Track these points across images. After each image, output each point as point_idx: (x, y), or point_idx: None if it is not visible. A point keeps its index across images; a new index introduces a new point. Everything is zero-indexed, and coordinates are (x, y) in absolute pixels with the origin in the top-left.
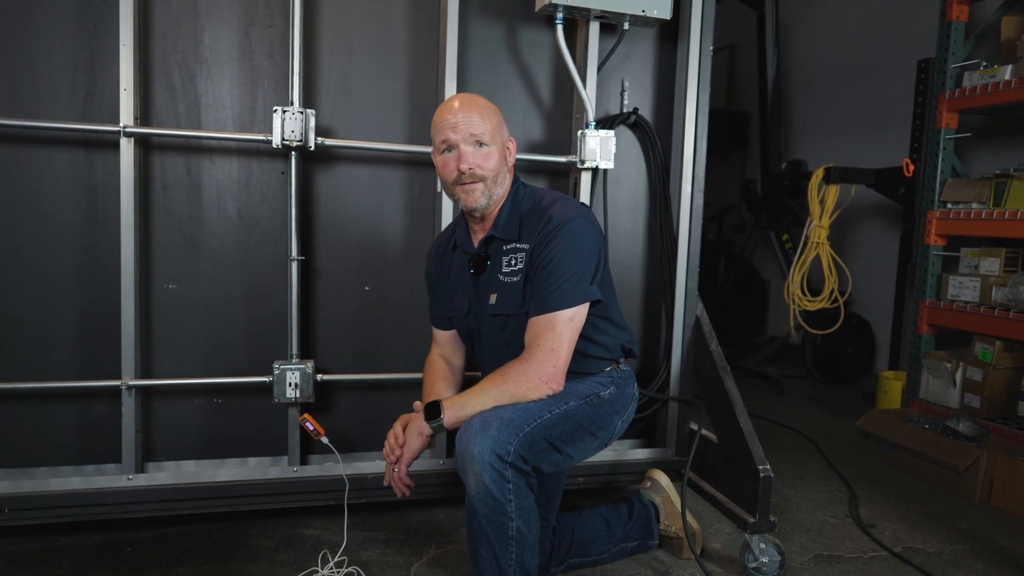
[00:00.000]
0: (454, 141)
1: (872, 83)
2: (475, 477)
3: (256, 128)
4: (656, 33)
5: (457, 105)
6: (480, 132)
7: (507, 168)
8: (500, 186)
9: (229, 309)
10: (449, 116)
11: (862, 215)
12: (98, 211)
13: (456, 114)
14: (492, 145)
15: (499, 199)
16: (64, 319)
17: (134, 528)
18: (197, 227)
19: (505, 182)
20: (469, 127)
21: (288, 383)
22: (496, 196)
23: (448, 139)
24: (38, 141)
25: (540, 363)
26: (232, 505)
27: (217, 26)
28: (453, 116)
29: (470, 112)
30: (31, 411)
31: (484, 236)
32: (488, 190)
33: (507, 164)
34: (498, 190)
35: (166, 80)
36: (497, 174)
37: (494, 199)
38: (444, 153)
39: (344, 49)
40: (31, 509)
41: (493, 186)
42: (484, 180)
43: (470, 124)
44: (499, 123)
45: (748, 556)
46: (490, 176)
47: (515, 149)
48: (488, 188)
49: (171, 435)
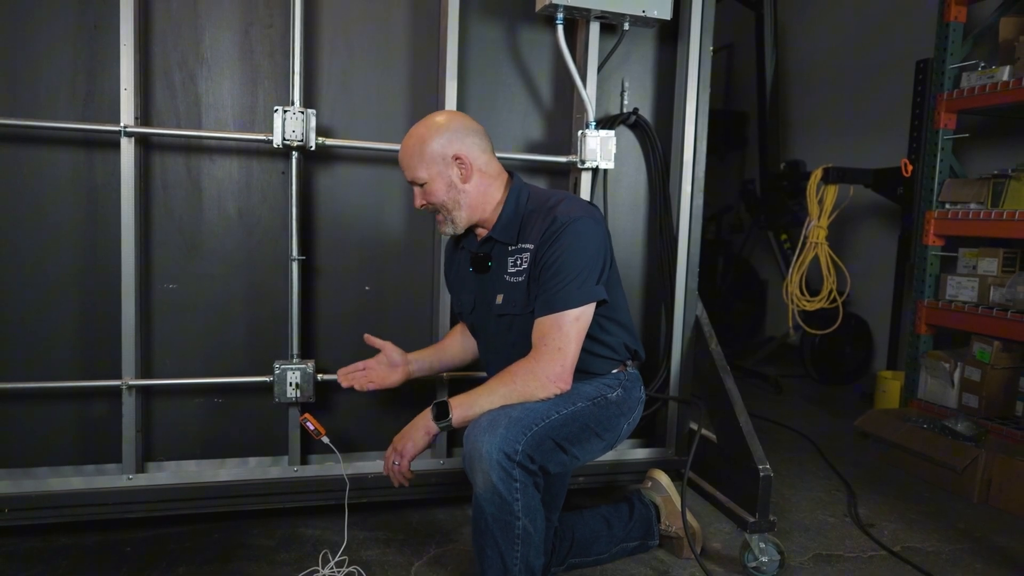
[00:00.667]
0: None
1: (870, 83)
2: (483, 476)
3: (256, 128)
4: (656, 33)
5: (400, 152)
6: (414, 177)
7: (461, 188)
8: (463, 208)
9: (229, 309)
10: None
11: (860, 215)
12: (98, 211)
13: (400, 160)
14: (429, 181)
15: (486, 209)
16: (64, 319)
17: (134, 528)
18: (197, 227)
19: (468, 200)
20: (406, 172)
21: (289, 383)
22: (464, 217)
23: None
24: (38, 141)
25: (548, 362)
26: (232, 505)
27: (217, 26)
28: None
29: (404, 158)
30: (31, 411)
31: (484, 237)
32: (448, 216)
33: (456, 184)
34: (461, 212)
35: (166, 80)
36: (446, 201)
37: (464, 220)
38: None
39: (344, 49)
40: (31, 509)
41: (454, 209)
42: (439, 209)
43: (406, 169)
44: (428, 155)
45: (748, 556)
46: (440, 204)
47: (469, 159)
48: (450, 213)
49: (171, 435)
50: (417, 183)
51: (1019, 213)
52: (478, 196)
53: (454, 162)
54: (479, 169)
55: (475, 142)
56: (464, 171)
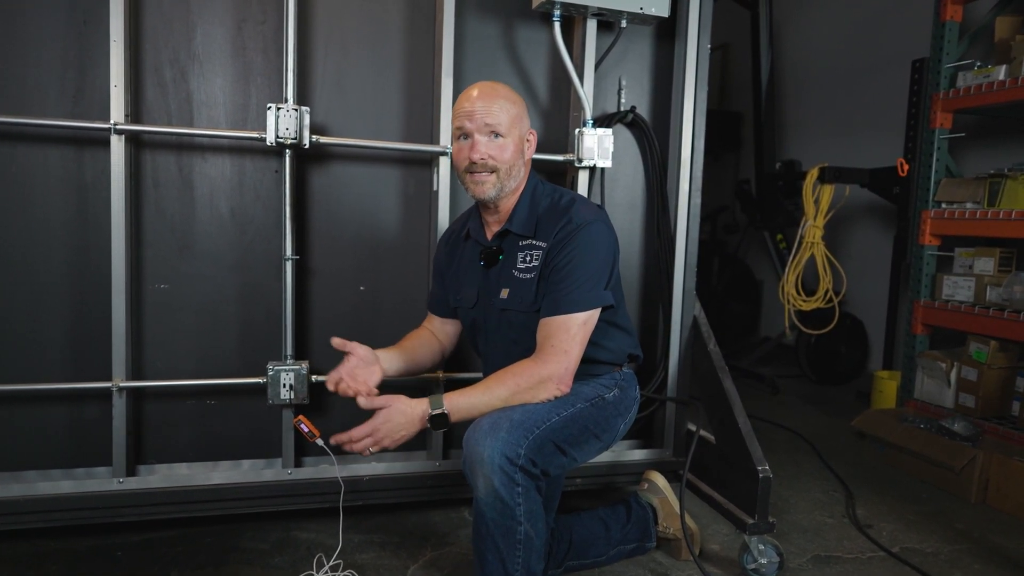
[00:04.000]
0: (469, 130)
1: (866, 83)
2: (484, 480)
3: (249, 126)
4: (653, 31)
5: (476, 94)
6: (496, 122)
7: (523, 162)
8: (513, 179)
9: (222, 309)
10: (467, 104)
11: (856, 215)
12: (88, 210)
13: (474, 103)
14: (508, 137)
15: (512, 192)
16: (54, 319)
17: (125, 532)
18: (189, 226)
19: (519, 175)
20: (485, 116)
21: (283, 384)
22: (508, 188)
23: (464, 127)
24: (27, 138)
25: (552, 364)
26: (225, 508)
27: (209, 22)
28: (471, 104)
29: (488, 101)
30: (20, 413)
31: (499, 230)
32: (500, 182)
33: (523, 157)
34: (511, 183)
35: (157, 77)
36: (511, 167)
37: (505, 191)
38: (460, 140)
39: (339, 46)
40: (20, 513)
41: (506, 178)
42: (496, 171)
43: (487, 113)
44: (519, 115)
45: (747, 557)
46: (503, 168)
47: (535, 142)
48: (500, 180)
49: (163, 437)
50: (496, 131)
51: (1015, 212)
52: (522, 177)
53: (530, 135)
54: (531, 157)
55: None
56: (530, 150)
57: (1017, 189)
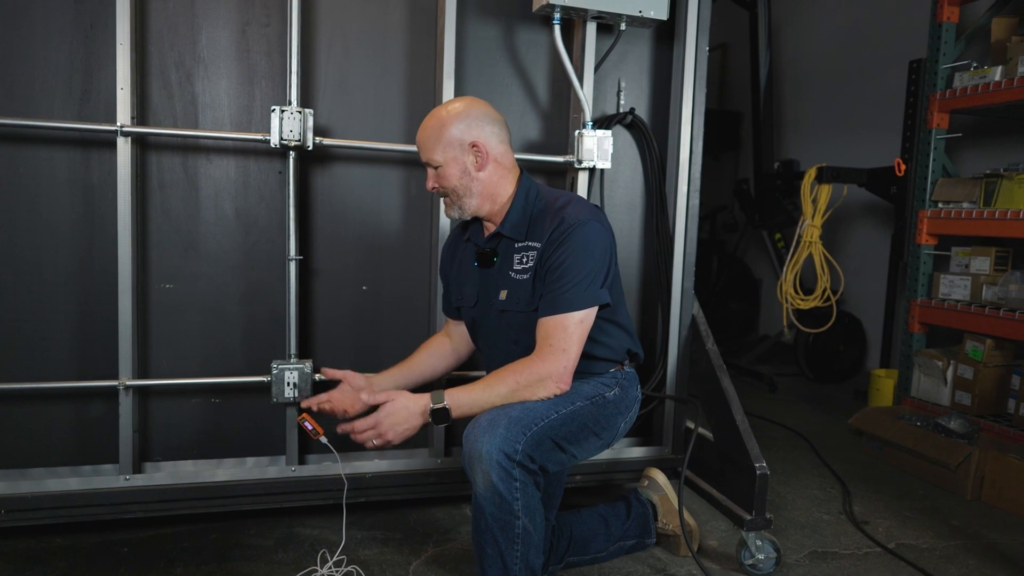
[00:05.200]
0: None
1: (864, 83)
2: (483, 475)
3: (253, 128)
4: (652, 33)
5: (419, 132)
6: (429, 156)
7: (473, 174)
8: (473, 195)
9: (227, 309)
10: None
11: (854, 214)
12: (95, 211)
13: (417, 141)
14: (444, 163)
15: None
16: (61, 319)
17: (131, 529)
18: (194, 227)
19: (475, 188)
20: (422, 153)
21: (287, 382)
22: (471, 205)
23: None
24: (34, 140)
25: (550, 362)
26: (230, 505)
27: (214, 25)
28: (417, 142)
29: (420, 138)
30: (28, 412)
31: (493, 232)
32: (456, 202)
33: (471, 171)
34: (470, 199)
35: (163, 79)
36: (459, 186)
37: (470, 208)
38: None
39: (341, 48)
40: (28, 510)
41: (463, 197)
42: (447, 194)
43: (422, 150)
44: (446, 139)
45: (745, 553)
46: (451, 189)
47: (486, 148)
48: (456, 200)
49: (168, 435)
50: (432, 165)
51: (1011, 212)
52: (490, 186)
53: (471, 149)
54: (495, 159)
55: (494, 131)
56: (480, 159)
57: (1013, 189)
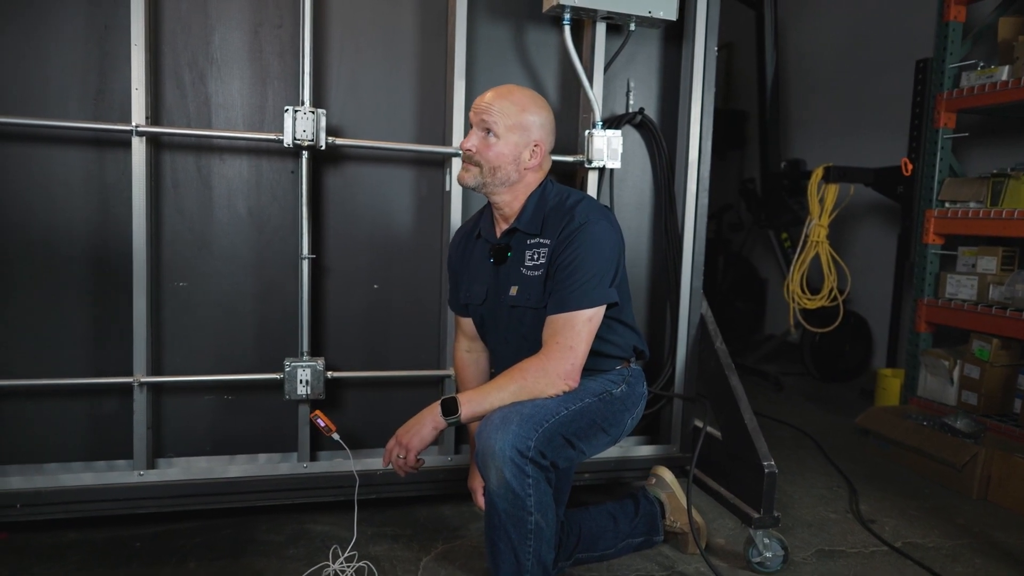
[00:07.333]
0: (472, 121)
1: (870, 83)
2: (496, 472)
3: (266, 127)
4: (661, 34)
5: (490, 93)
6: (492, 121)
7: (521, 168)
8: (501, 182)
9: (239, 307)
10: (479, 100)
11: (861, 214)
12: (110, 209)
13: (483, 99)
14: (502, 139)
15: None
16: (76, 316)
17: (144, 524)
18: (207, 226)
19: (510, 178)
20: (484, 113)
21: (299, 380)
22: (492, 186)
23: (470, 119)
24: (50, 140)
25: (559, 360)
26: (242, 501)
27: (227, 26)
28: (480, 100)
29: (495, 101)
30: (43, 408)
31: (507, 227)
32: (482, 177)
33: (521, 163)
34: (495, 181)
35: (177, 79)
36: (497, 167)
37: (489, 187)
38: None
39: (353, 49)
40: (43, 504)
41: (489, 175)
42: (480, 166)
43: (487, 111)
44: (524, 123)
45: (752, 551)
46: (486, 165)
47: (542, 153)
48: (483, 175)
49: (182, 431)
50: (487, 128)
51: (1018, 212)
52: (523, 185)
53: (532, 145)
54: (539, 165)
55: (551, 142)
56: (533, 160)
57: (1019, 189)
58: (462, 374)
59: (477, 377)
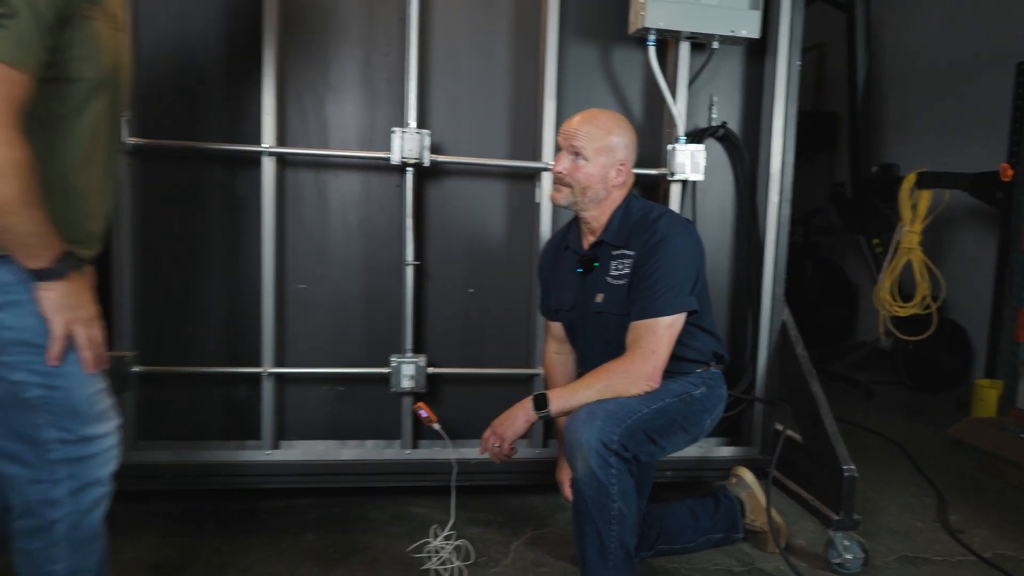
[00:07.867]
0: (561, 146)
1: (968, 84)
2: (583, 462)
3: (374, 146)
4: (744, 49)
5: (577, 118)
6: (580, 146)
7: (605, 186)
8: (589, 198)
9: (351, 307)
10: (566, 125)
11: (959, 219)
12: (240, 219)
13: (571, 124)
14: (591, 161)
15: (597, 207)
16: (212, 314)
17: (266, 498)
18: (324, 234)
19: (598, 196)
20: (572, 139)
21: (404, 375)
22: (582, 204)
23: (559, 142)
24: (196, 159)
25: (641, 362)
26: (352, 481)
27: (342, 55)
28: (568, 126)
29: (582, 126)
30: (187, 392)
31: (594, 240)
32: (573, 196)
33: (608, 182)
34: (586, 200)
35: (299, 105)
36: (587, 187)
37: (579, 205)
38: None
39: (453, 74)
40: (187, 476)
41: (580, 195)
42: (571, 187)
43: (575, 136)
44: (609, 146)
45: (832, 552)
46: (576, 186)
47: (627, 172)
48: (574, 195)
49: (301, 417)
50: (576, 152)
51: None
52: (611, 201)
53: (618, 165)
54: (624, 182)
55: (634, 159)
56: (619, 177)
57: None
58: (551, 373)
59: (565, 377)
